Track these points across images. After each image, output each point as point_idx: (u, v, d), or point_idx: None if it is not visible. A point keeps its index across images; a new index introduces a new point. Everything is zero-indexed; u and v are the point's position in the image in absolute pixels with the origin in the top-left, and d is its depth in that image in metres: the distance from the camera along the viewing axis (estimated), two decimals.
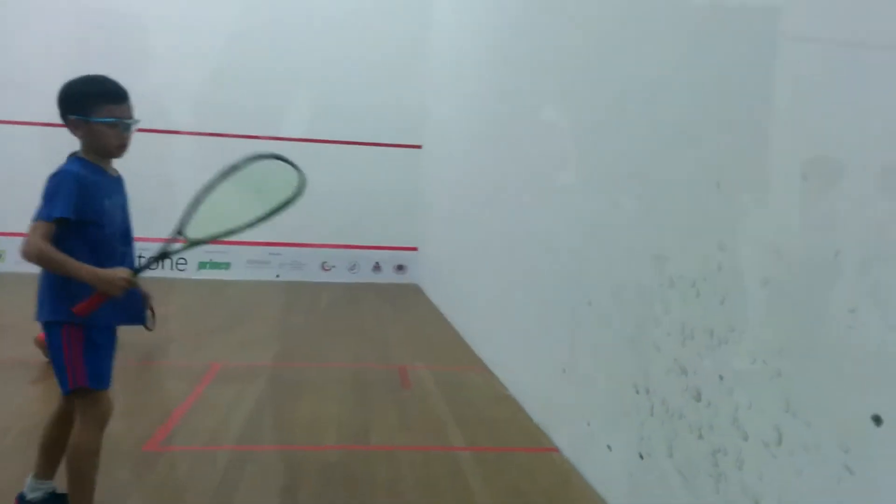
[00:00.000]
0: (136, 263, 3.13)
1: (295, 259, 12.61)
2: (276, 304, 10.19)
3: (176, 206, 9.10)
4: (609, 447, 3.59)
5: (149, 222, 10.19)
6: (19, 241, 2.98)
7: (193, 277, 10.65)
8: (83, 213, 2.89)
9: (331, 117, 12.49)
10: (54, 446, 3.18)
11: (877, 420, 1.87)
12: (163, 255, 3.09)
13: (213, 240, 3.20)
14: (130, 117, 3.13)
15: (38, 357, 5.71)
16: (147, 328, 3.44)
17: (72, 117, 3.00)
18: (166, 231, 3.14)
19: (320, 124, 12.51)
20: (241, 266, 12.42)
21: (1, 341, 6.72)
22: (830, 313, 2.06)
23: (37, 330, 4.12)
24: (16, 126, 11.70)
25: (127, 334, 3.30)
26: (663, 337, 3.04)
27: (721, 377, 2.60)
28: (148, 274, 3.02)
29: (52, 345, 2.98)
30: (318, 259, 12.70)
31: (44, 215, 2.83)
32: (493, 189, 6.60)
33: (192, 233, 3.15)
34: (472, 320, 7.55)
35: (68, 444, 3.07)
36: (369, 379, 5.94)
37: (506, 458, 4.24)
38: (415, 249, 12.75)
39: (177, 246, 3.13)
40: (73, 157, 3.05)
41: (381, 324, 8.81)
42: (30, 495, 3.16)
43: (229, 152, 11.81)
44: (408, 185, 12.67)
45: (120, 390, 5.32)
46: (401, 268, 12.91)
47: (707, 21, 2.86)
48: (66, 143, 3.25)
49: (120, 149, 3.10)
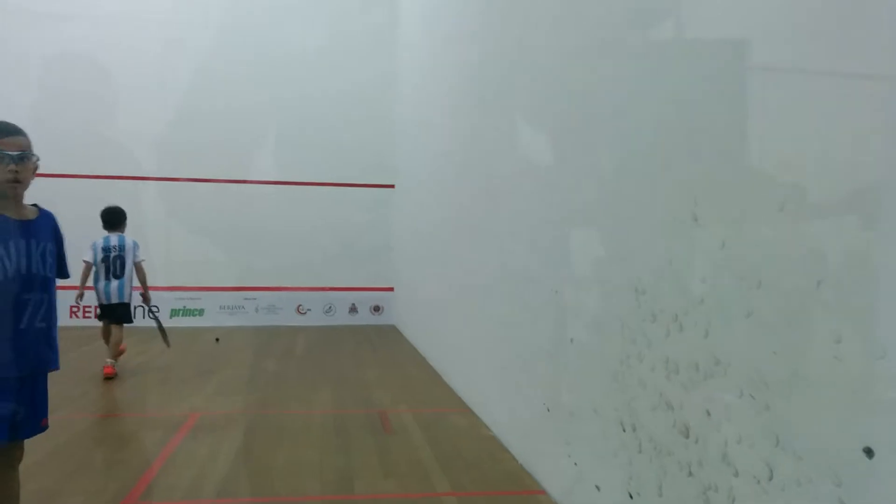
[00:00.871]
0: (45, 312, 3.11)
1: (270, 303, 12.49)
2: (252, 349, 10.04)
3: (144, 249, 8.94)
4: (598, 487, 3.54)
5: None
6: None
7: (166, 325, 10.45)
8: None
9: (302, 159, 12.51)
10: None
11: (868, 452, 1.85)
12: None
13: None
14: (14, 149, 2.98)
15: None
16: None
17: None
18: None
19: (292, 166, 12.51)
20: (215, 312, 12.27)
21: None
22: (816, 344, 2.05)
23: None
24: None
25: (98, 386, 3.22)
26: (648, 372, 3.02)
27: (708, 412, 2.58)
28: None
29: None
30: (294, 302, 12.58)
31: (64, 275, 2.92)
32: (468, 227, 6.60)
33: None
34: (451, 360, 7.49)
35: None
36: (350, 424, 5.84)
37: (493, 502, 4.16)
38: (391, 290, 12.69)
39: None
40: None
41: (360, 367, 8.71)
42: None
43: (198, 198, 11.68)
44: (382, 225, 12.67)
45: (95, 445, 5.21)
46: (377, 309, 12.82)
47: (682, 47, 2.90)
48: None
49: (9, 183, 2.98)
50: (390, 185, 12.65)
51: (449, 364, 7.60)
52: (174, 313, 11.88)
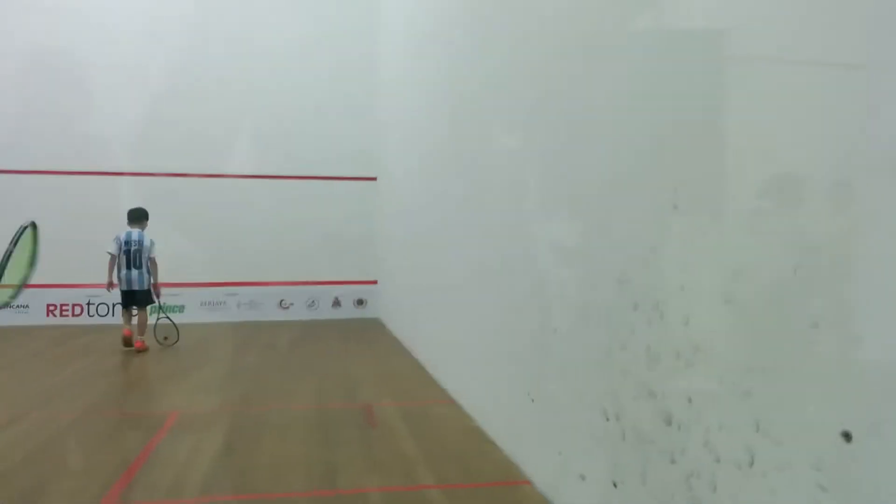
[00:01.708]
0: None
1: (252, 298, 12.42)
2: (234, 345, 9.98)
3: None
4: (582, 477, 3.55)
5: (93, 265, 9.99)
6: None
7: (151, 321, 10.38)
8: None
9: (284, 153, 12.44)
10: None
11: (846, 436, 1.86)
12: None
13: None
14: None
15: None
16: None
17: None
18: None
19: (275, 160, 12.43)
20: (196, 308, 12.18)
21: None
22: (794, 329, 2.06)
23: None
24: None
25: (78, 384, 3.18)
26: (630, 361, 3.02)
27: (690, 399, 2.58)
28: (98, 321, 2.96)
29: None
30: (276, 297, 12.52)
31: None
32: (451, 218, 6.58)
33: None
34: (435, 352, 7.48)
35: None
36: (334, 418, 5.83)
37: (478, 494, 4.17)
38: (374, 283, 12.66)
39: None
40: None
41: (344, 360, 8.69)
42: None
43: (177, 193, 11.59)
44: (364, 218, 12.62)
45: (75, 444, 5.16)
46: (361, 302, 12.79)
47: (660, 43, 2.90)
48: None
49: None
50: (372, 178, 12.60)
51: (433, 356, 7.59)
52: (154, 310, 11.75)
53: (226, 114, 12.22)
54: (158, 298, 9.32)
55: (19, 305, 11.25)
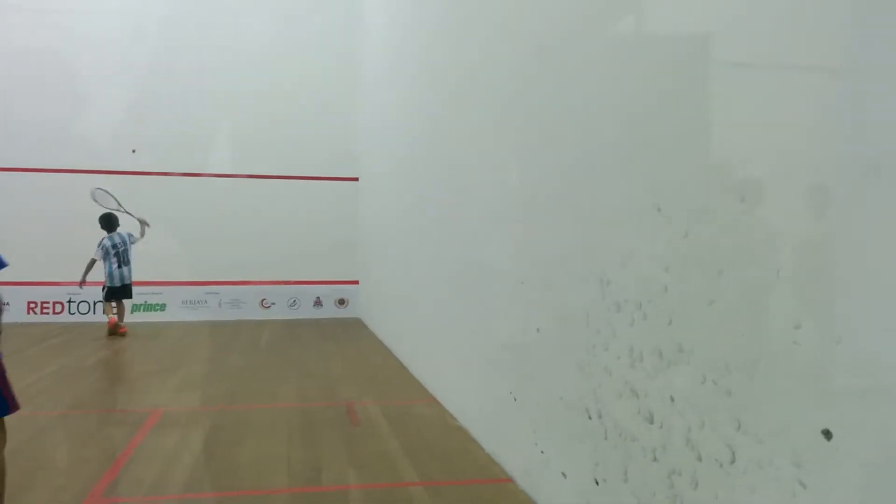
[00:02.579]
0: None
1: (233, 297, 12.37)
2: (215, 344, 9.94)
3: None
4: (564, 474, 3.59)
5: (73, 263, 9.92)
6: None
7: (127, 321, 10.32)
8: None
9: (266, 152, 12.40)
10: None
11: (827, 434, 1.92)
12: None
13: None
14: None
15: None
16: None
17: None
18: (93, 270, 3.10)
19: (256, 159, 12.39)
20: (177, 307, 12.12)
21: None
22: (776, 330, 2.11)
23: None
24: None
25: (61, 382, 3.17)
26: (613, 360, 3.07)
27: (672, 398, 2.63)
28: (79, 319, 2.93)
29: None
30: (257, 296, 12.48)
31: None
32: (433, 219, 6.61)
33: None
34: (417, 352, 7.51)
35: None
36: (316, 417, 5.83)
37: (460, 491, 4.20)
38: (356, 283, 12.66)
39: None
40: None
41: (325, 360, 8.68)
42: None
43: (159, 192, 11.59)
44: (346, 218, 12.62)
45: (58, 441, 5.13)
46: (342, 302, 12.79)
47: (639, 46, 2.94)
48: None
49: None
50: (354, 178, 12.61)
51: (415, 356, 7.62)
52: (135, 308, 11.68)
53: (208, 113, 12.18)
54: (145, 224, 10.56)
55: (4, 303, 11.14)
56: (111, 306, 10.29)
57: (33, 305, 11.65)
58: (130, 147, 11.87)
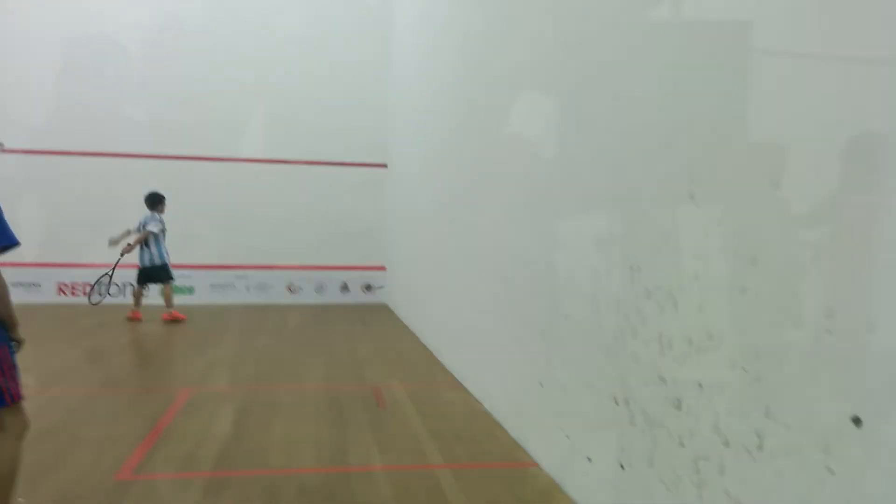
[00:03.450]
0: None
1: (261, 281, 12.50)
2: (243, 327, 10.07)
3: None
4: (589, 459, 3.62)
5: (104, 245, 10.11)
6: None
7: (157, 303, 10.48)
8: None
9: (296, 137, 12.48)
10: None
11: (856, 421, 1.92)
12: None
13: None
14: None
15: None
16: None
17: None
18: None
19: (283, 144, 12.48)
20: (206, 290, 12.27)
21: None
22: (808, 317, 2.11)
23: None
24: None
25: (91, 362, 3.24)
26: (641, 347, 3.08)
27: (700, 385, 2.64)
28: (109, 301, 2.98)
29: None
30: (285, 281, 12.60)
31: (2, 241, 2.98)
32: (462, 205, 6.63)
33: None
34: (443, 338, 7.55)
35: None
36: (344, 399, 5.90)
37: (485, 474, 4.24)
38: (383, 269, 12.72)
39: None
40: None
41: (352, 344, 8.76)
42: None
43: (191, 175, 11.70)
44: (374, 204, 12.68)
45: (90, 419, 5.25)
46: (369, 287, 12.87)
47: (678, 32, 2.93)
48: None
49: None
50: (383, 165, 12.65)
51: (441, 341, 7.66)
52: (162, 290, 11.85)
53: (241, 99, 12.28)
54: (122, 254, 10.01)
55: (31, 283, 11.37)
56: (139, 290, 10.22)
57: (64, 287, 11.87)
58: (165, 130, 11.99)
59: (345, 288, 12.78)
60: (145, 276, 10.20)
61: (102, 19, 11.81)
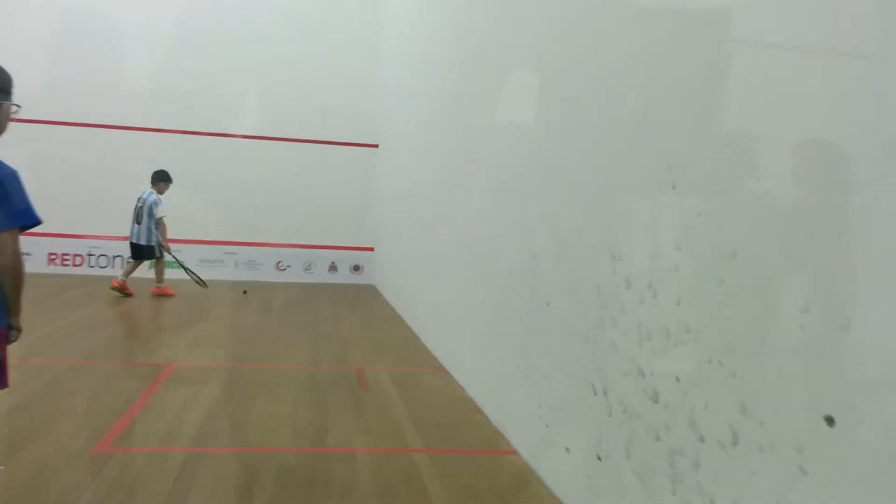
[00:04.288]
0: None
1: (250, 258, 12.44)
2: (231, 303, 10.04)
3: (123, 199, 9.08)
4: (567, 449, 3.61)
5: (95, 216, 10.02)
6: None
7: (146, 276, 10.42)
8: None
9: (286, 115, 12.39)
10: None
11: (829, 420, 1.90)
12: None
13: None
14: None
15: None
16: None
17: (3, 103, 2.87)
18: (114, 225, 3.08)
19: (276, 122, 12.39)
20: (195, 265, 12.18)
21: None
22: (784, 313, 2.09)
23: None
24: None
25: (77, 333, 3.21)
26: (620, 337, 3.06)
27: (678, 378, 2.62)
28: (97, 273, 2.95)
29: None
30: (273, 258, 12.55)
31: (22, 219, 2.82)
32: (449, 189, 6.59)
33: None
34: (428, 321, 7.54)
35: None
36: (326, 380, 5.89)
37: (463, 460, 4.23)
38: (371, 250, 12.68)
39: None
40: None
41: (338, 324, 8.75)
42: None
43: (181, 150, 11.64)
44: (364, 185, 12.61)
45: (71, 391, 5.22)
46: (357, 268, 12.83)
47: (661, 21, 2.89)
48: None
49: None
50: (374, 145, 12.57)
51: (426, 325, 7.65)
52: (153, 264, 11.80)
53: (232, 75, 12.15)
54: (168, 252, 10.20)
55: (22, 252, 11.30)
56: (131, 264, 10.21)
57: (54, 257, 11.79)
58: (158, 105, 11.90)
59: (333, 268, 12.74)
60: (136, 250, 10.16)
61: None
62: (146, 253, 10.12)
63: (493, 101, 5.27)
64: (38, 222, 2.97)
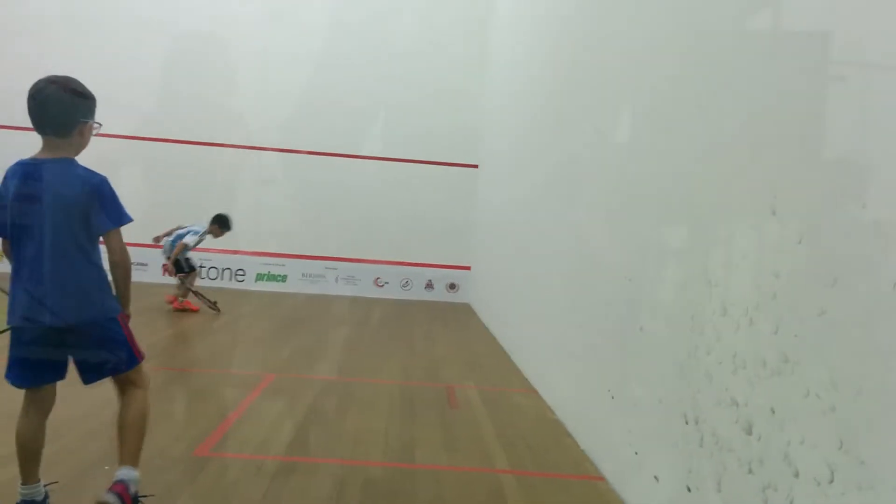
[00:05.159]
0: None
1: (350, 274, 12.76)
2: (330, 317, 10.30)
3: (235, 213, 9.40)
4: (656, 478, 3.51)
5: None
6: None
7: (251, 289, 10.85)
8: None
9: (391, 136, 12.69)
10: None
11: None
12: None
13: None
14: None
15: None
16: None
17: (89, 121, 3.07)
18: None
19: (380, 142, 12.71)
20: (297, 279, 12.62)
21: None
22: (888, 347, 1.98)
23: None
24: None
25: (180, 342, 3.39)
26: (714, 365, 2.97)
27: (773, 410, 2.52)
28: (207, 284, 3.12)
29: (117, 333, 3.17)
30: (372, 275, 12.82)
31: (123, 220, 3.09)
32: (547, 211, 6.57)
33: None
34: (521, 342, 7.50)
35: (130, 413, 3.26)
36: (417, 396, 5.95)
37: (550, 484, 4.18)
38: (468, 269, 12.76)
39: None
40: (73, 161, 3.07)
41: (432, 341, 8.83)
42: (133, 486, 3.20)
43: (289, 169, 12.01)
44: (463, 204, 12.73)
45: (175, 396, 5.49)
46: (453, 286, 12.93)
47: (764, 42, 2.82)
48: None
49: None
50: (474, 166, 12.68)
51: (518, 345, 7.62)
52: (259, 277, 12.29)
53: (339, 98, 12.56)
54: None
55: (139, 263, 11.99)
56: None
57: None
58: (264, 123, 12.41)
59: (429, 285, 12.89)
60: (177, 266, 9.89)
61: (213, 11, 12.29)
62: (178, 268, 9.79)
63: (594, 124, 5.23)
64: (130, 221, 3.18)
